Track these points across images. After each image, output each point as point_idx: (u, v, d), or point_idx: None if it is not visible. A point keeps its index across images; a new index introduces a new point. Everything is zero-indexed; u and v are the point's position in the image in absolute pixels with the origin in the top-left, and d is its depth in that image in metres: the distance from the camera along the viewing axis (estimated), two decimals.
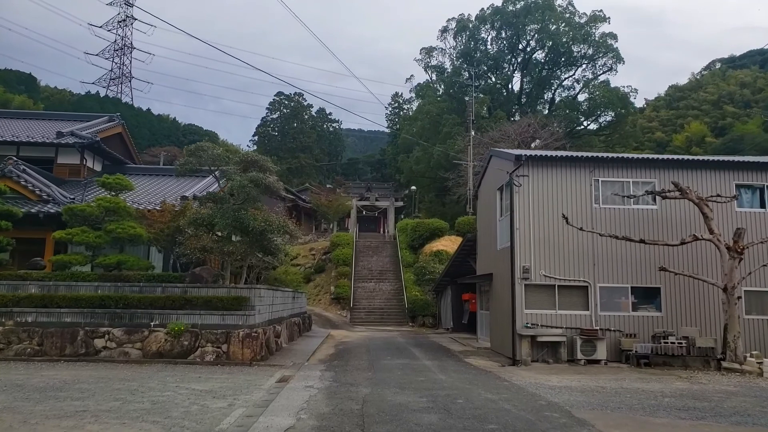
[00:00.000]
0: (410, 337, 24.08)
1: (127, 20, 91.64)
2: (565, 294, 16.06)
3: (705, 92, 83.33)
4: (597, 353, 15.21)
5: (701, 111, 78.08)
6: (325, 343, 20.62)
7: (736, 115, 72.96)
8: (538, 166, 16.49)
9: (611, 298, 16.08)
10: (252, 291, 15.03)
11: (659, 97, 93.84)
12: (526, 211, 16.24)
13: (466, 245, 22.96)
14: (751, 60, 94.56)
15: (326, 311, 33.76)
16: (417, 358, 16.07)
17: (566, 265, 16.11)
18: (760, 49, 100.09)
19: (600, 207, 16.41)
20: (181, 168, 15.61)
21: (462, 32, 60.91)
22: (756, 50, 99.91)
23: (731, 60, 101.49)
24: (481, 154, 45.30)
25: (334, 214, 50.18)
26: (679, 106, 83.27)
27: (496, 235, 18.47)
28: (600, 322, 15.84)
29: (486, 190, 20.45)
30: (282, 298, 19.83)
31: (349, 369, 13.57)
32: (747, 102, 76.64)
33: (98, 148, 25.26)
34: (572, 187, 16.45)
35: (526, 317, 15.80)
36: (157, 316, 14.33)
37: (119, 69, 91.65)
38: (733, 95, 79.60)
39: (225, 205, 15.21)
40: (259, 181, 15.06)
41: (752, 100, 76.70)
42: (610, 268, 16.13)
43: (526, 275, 15.88)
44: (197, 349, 14.07)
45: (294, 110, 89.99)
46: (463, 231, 37.72)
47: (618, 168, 16.61)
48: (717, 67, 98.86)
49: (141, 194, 22.62)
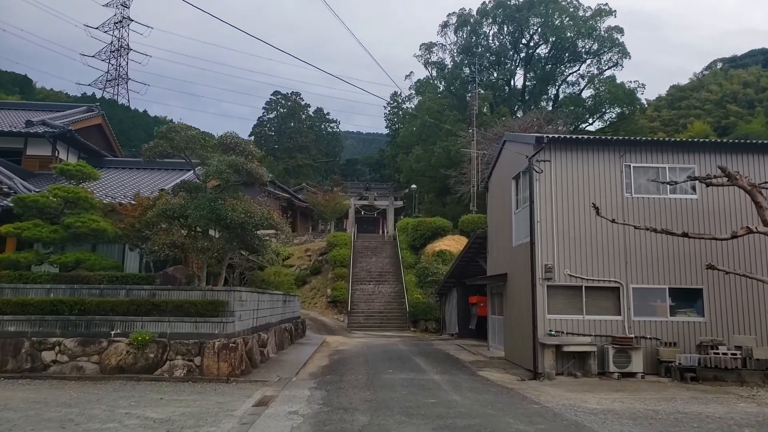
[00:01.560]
0: (413, 344, 21.96)
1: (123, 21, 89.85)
2: (594, 296, 13.96)
3: (707, 92, 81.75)
4: (632, 365, 13.10)
5: (704, 110, 76.49)
6: (318, 352, 18.50)
7: (739, 115, 71.44)
8: (562, 150, 14.41)
9: (646, 300, 13.98)
10: (231, 294, 12.91)
11: (660, 97, 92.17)
12: (547, 200, 14.15)
13: (474, 243, 20.85)
14: (753, 60, 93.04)
15: (322, 315, 31.63)
16: (423, 371, 13.94)
17: (594, 263, 14.02)
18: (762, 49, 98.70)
19: (632, 196, 14.32)
20: (150, 152, 13.47)
21: (463, 27, 58.93)
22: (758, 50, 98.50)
23: (732, 60, 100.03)
24: (485, 151, 43.44)
25: (331, 213, 48.02)
26: (681, 106, 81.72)
27: (511, 230, 16.37)
28: (634, 329, 13.73)
29: (498, 180, 18.35)
30: (270, 302, 17.70)
31: (344, 386, 11.44)
32: (750, 101, 75.12)
33: (71, 138, 23.11)
34: (600, 173, 14.37)
35: (548, 323, 13.69)
36: (119, 323, 12.19)
37: (116, 71, 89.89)
38: (737, 94, 78.09)
39: (200, 194, 13.10)
40: (240, 167, 12.95)
41: (756, 99, 75.22)
42: (644, 267, 14.04)
43: (548, 275, 13.78)
44: (165, 363, 11.94)
45: (291, 110, 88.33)
46: (468, 230, 35.68)
47: (652, 152, 14.53)
48: (718, 67, 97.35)
49: (117, 187, 20.55)
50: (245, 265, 16.40)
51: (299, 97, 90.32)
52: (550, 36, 56.85)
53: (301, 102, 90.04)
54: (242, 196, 13.48)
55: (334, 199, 47.90)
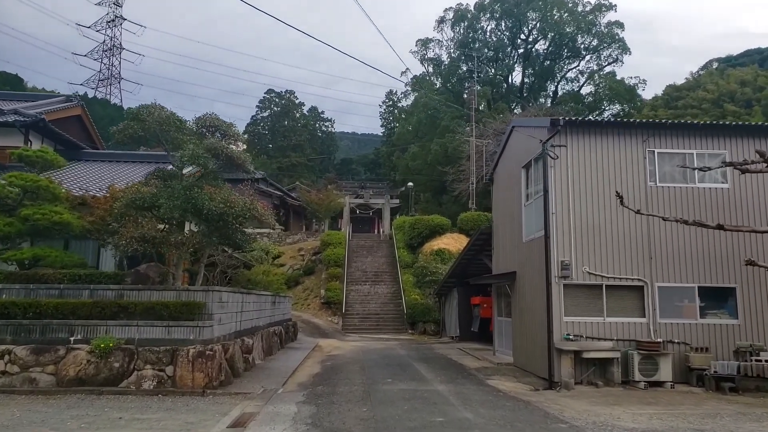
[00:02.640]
0: (411, 348, 20.50)
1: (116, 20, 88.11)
2: (615, 296, 12.55)
3: (704, 91, 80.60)
4: (660, 373, 11.69)
5: (701, 110, 75.24)
6: (310, 358, 17.02)
7: (737, 114, 70.25)
8: (579, 134, 13.00)
9: (673, 301, 12.58)
10: (209, 294, 11.42)
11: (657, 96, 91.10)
12: (564, 190, 12.74)
13: (478, 239, 19.41)
14: (749, 59, 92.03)
15: (315, 317, 30.09)
16: (426, 381, 12.48)
17: (615, 259, 12.61)
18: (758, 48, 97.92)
19: (656, 185, 12.92)
20: (120, 134, 11.98)
21: (460, 22, 57.59)
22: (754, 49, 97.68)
23: (728, 59, 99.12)
24: (489, 139, 41.97)
25: (325, 212, 46.44)
26: (678, 106, 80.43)
27: (521, 223, 14.95)
28: (660, 332, 12.33)
29: (505, 171, 16.93)
30: (257, 304, 16.21)
31: (337, 400, 9.98)
32: (748, 100, 74.02)
33: (45, 128, 21.52)
34: (621, 160, 12.97)
35: (565, 326, 12.28)
36: (80, 328, 10.70)
37: (108, 70, 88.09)
38: (734, 94, 76.91)
39: (173, 182, 11.61)
40: (219, 151, 11.49)
41: (753, 98, 74.17)
42: (671, 263, 12.64)
43: (565, 273, 12.36)
44: (132, 373, 10.44)
45: (285, 108, 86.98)
46: (467, 228, 34.32)
47: (679, 136, 13.13)
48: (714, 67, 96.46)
49: (93, 180, 19.05)
50: (228, 262, 14.94)
51: (293, 95, 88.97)
52: (548, 31, 55.62)
53: (295, 100, 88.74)
54: (221, 184, 11.98)
55: (329, 197, 46.32)
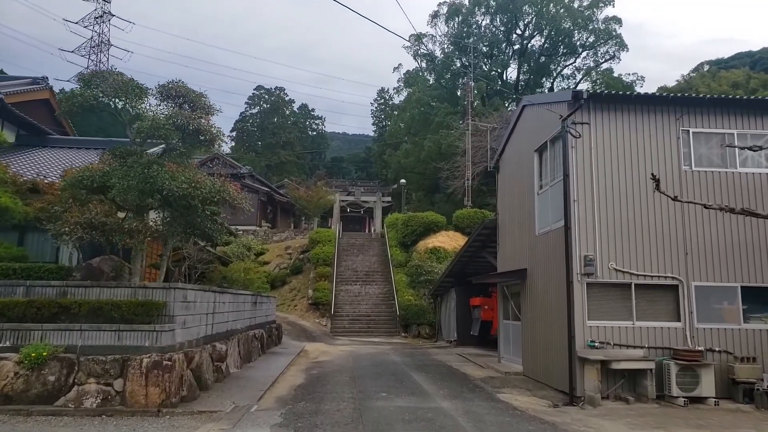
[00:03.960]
0: (406, 353, 18.72)
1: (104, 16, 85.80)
2: (646, 297, 10.85)
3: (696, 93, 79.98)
4: (701, 387, 9.99)
5: None
6: (294, 365, 15.20)
7: None
8: (604, 111, 11.30)
9: (712, 302, 10.91)
10: (171, 292, 9.56)
11: None
12: (586, 174, 11.04)
13: (480, 234, 17.64)
14: (740, 62, 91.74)
15: (302, 319, 28.22)
16: (426, 395, 10.69)
17: (646, 254, 10.92)
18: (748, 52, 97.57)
19: (691, 170, 11.25)
20: (67, 104, 10.11)
21: (454, 17, 56.06)
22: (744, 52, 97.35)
23: (719, 62, 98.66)
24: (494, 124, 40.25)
25: (315, 209, 44.49)
26: None
27: (533, 215, 13.22)
28: (697, 339, 10.65)
29: (514, 156, 15.20)
30: (234, 304, 14.36)
31: (322, 422, 8.16)
32: None
33: (5, 109, 19.58)
34: (651, 140, 11.29)
35: (589, 332, 10.56)
36: (9, 333, 8.82)
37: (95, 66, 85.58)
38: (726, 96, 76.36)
39: (130, 160, 9.75)
40: (185, 122, 9.63)
41: None
42: (709, 259, 10.97)
43: (589, 269, 10.64)
44: (71, 389, 8.57)
45: (274, 105, 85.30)
46: (463, 226, 32.68)
47: (718, 114, 11.47)
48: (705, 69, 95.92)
49: (54, 166, 17.20)
50: (199, 256, 13.09)
51: (283, 92, 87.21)
52: (545, 27, 54.30)
53: (285, 97, 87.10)
54: (188, 162, 10.12)
55: (318, 194, 44.35)
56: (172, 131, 9.59)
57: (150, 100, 10.63)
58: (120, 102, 10.23)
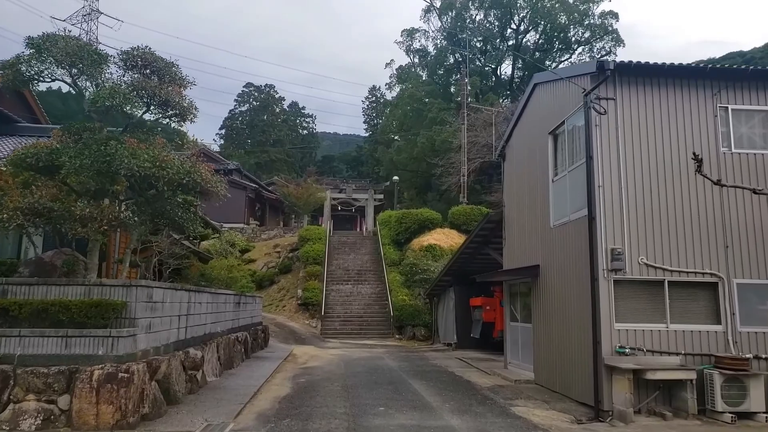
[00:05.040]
0: (402, 358, 17.31)
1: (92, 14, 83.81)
2: (681, 296, 9.53)
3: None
4: (750, 401, 8.66)
5: None
6: (280, 372, 13.75)
7: None
8: (633, 85, 9.96)
9: (757, 303, 9.61)
10: (133, 291, 8.09)
11: None
12: (613, 156, 9.69)
13: (483, 229, 16.25)
14: (732, 62, 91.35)
15: (291, 320, 26.74)
16: (431, 409, 9.28)
17: (681, 247, 9.59)
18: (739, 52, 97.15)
19: (731, 152, 9.94)
20: (10, 71, 8.60)
21: (447, 11, 54.84)
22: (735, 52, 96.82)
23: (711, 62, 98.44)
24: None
25: (305, 206, 42.94)
26: None
27: (546, 205, 11.86)
28: (741, 344, 9.34)
29: (523, 141, 13.82)
30: (213, 305, 12.89)
31: None
32: None
33: None
34: (685, 119, 9.97)
35: (617, 336, 9.21)
36: None
37: None
38: None
39: (85, 135, 8.26)
40: (150, 90, 8.15)
41: None
42: (752, 253, 9.66)
43: (616, 265, 9.29)
44: (5, 407, 7.08)
45: (264, 102, 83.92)
46: (459, 223, 31.38)
47: (761, 89, 10.18)
48: None
49: None
50: (171, 250, 11.61)
51: (273, 89, 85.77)
52: (540, 21, 53.19)
53: (274, 95, 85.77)
54: (153, 140, 8.63)
55: (308, 191, 42.79)
56: (135, 100, 8.12)
57: (111, 69, 9.16)
58: (75, 70, 8.73)
